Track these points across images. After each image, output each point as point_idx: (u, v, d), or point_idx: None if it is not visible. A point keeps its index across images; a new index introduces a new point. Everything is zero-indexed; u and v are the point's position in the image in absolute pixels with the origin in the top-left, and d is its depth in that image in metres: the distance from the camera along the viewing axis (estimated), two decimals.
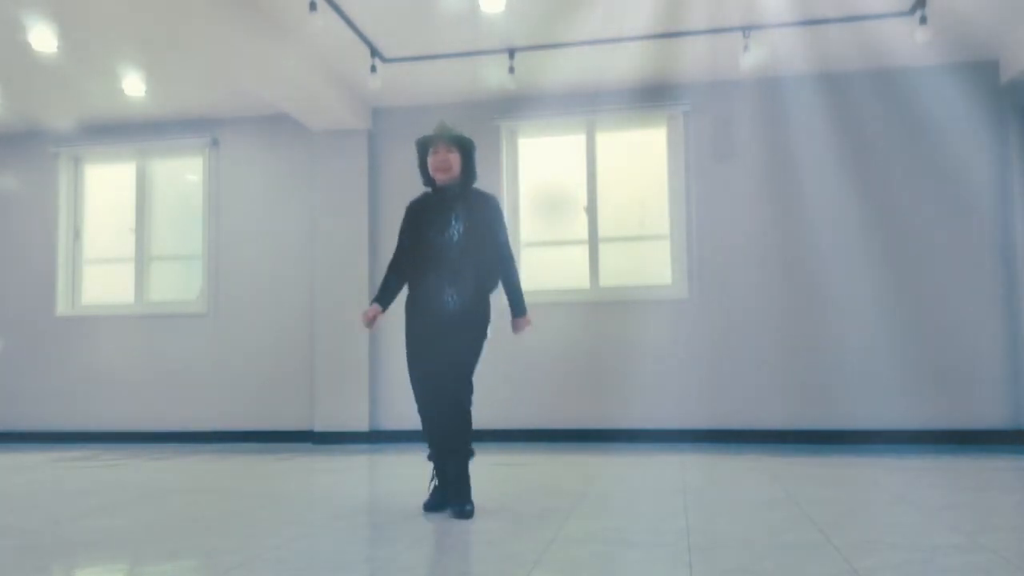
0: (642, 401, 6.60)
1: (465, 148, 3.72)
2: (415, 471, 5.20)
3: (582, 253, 6.93)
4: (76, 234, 7.85)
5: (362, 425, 6.93)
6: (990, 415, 6.17)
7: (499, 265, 3.69)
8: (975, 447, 5.98)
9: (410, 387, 3.63)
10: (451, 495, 3.54)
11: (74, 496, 4.31)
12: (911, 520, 3.29)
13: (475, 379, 3.54)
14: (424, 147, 3.75)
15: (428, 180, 3.75)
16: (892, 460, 5.34)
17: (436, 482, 3.68)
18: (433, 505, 3.62)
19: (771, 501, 3.78)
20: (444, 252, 3.57)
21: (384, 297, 3.73)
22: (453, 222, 3.61)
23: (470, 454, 3.61)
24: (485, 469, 5.15)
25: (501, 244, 3.70)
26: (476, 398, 3.43)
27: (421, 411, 3.64)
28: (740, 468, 5.06)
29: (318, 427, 7.02)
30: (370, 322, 3.68)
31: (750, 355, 6.49)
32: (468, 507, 3.48)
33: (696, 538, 2.94)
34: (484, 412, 6.70)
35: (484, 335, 3.64)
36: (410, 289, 3.69)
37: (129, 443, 7.31)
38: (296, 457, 6.08)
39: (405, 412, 6.90)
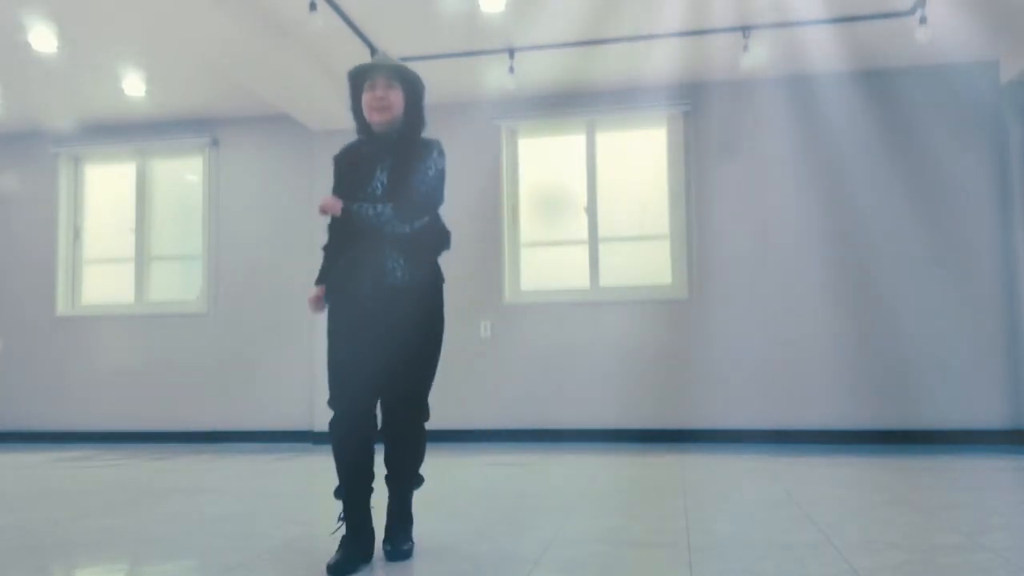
0: (641, 401, 6.60)
1: (410, 83, 2.87)
2: None
3: (582, 253, 6.93)
4: (76, 234, 7.85)
5: None
6: (990, 415, 6.17)
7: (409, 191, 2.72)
8: (975, 447, 5.98)
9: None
10: (389, 530, 2.80)
11: (74, 496, 4.31)
12: (911, 520, 3.28)
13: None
14: (358, 81, 2.86)
15: (363, 126, 2.87)
16: (892, 460, 5.34)
17: (344, 530, 2.71)
18: (342, 566, 2.55)
19: (771, 501, 3.78)
20: None
21: (325, 275, 2.89)
22: (377, 173, 2.76)
23: (420, 482, 2.91)
24: (484, 469, 5.16)
25: (418, 178, 2.73)
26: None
27: (337, 426, 2.67)
28: (740, 468, 5.06)
29: (318, 427, 7.02)
30: (316, 305, 2.85)
31: (750, 355, 6.49)
32: (407, 546, 2.77)
33: (696, 538, 2.94)
34: (483, 412, 6.74)
35: (440, 322, 2.82)
36: (330, 263, 2.87)
37: (129, 443, 7.31)
38: (296, 457, 6.08)
39: None
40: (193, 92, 6.98)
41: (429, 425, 2.91)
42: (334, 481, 2.73)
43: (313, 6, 5.12)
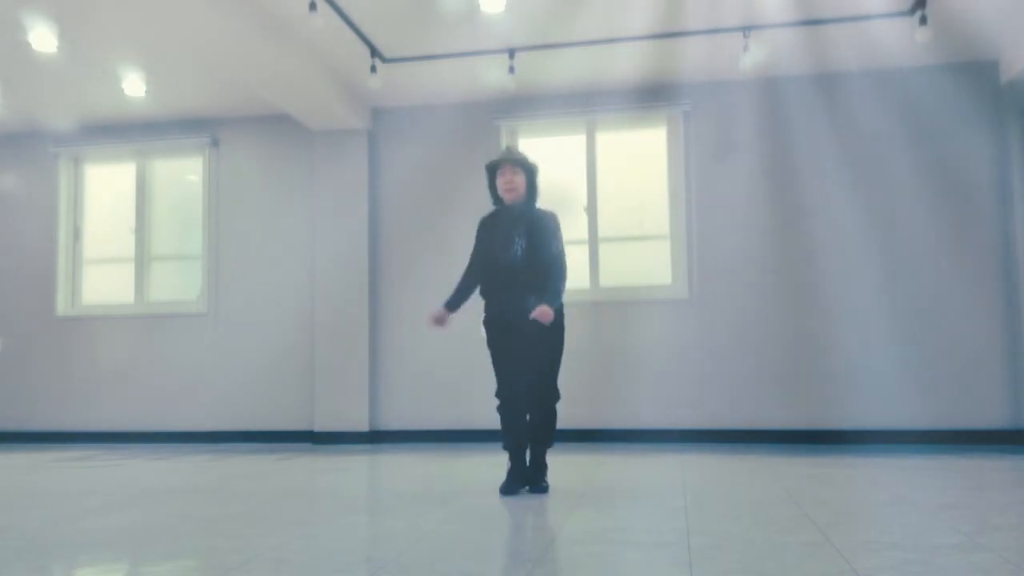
0: (642, 401, 6.60)
1: (529, 170, 4.13)
2: (415, 471, 5.20)
3: (582, 253, 6.93)
4: (76, 234, 7.85)
5: (362, 425, 6.93)
6: (990, 415, 6.17)
7: (549, 269, 4.06)
8: (975, 447, 5.98)
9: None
10: (532, 477, 4.08)
11: (74, 496, 4.31)
12: (911, 520, 3.28)
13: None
14: (492, 170, 4.16)
15: (496, 200, 4.18)
16: (892, 460, 5.34)
17: (510, 466, 4.11)
18: (507, 489, 4.01)
19: (771, 501, 3.78)
20: (512, 267, 4.01)
21: (454, 300, 4.23)
22: (516, 239, 4.04)
23: (551, 443, 4.19)
24: (485, 469, 5.15)
25: (553, 254, 4.08)
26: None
27: (504, 408, 4.10)
28: (740, 468, 5.06)
29: (318, 427, 7.02)
30: (436, 321, 4.20)
31: (750, 355, 6.49)
32: (544, 484, 4.10)
33: (696, 538, 2.94)
34: (482, 412, 6.73)
35: (563, 340, 4.09)
36: (487, 302, 4.15)
37: (129, 443, 7.31)
38: (296, 457, 6.08)
39: (405, 412, 6.93)
40: (193, 92, 6.98)
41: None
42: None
43: (313, 6, 5.12)
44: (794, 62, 6.35)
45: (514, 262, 4.02)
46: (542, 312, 3.93)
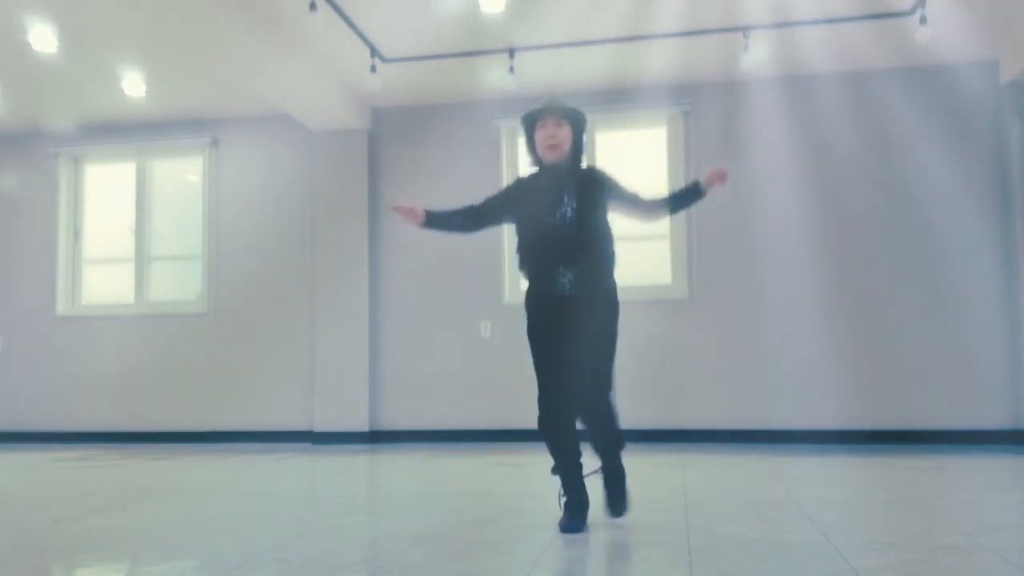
0: (641, 401, 6.58)
1: (576, 122, 3.38)
2: (415, 471, 5.20)
3: None
4: (76, 234, 7.84)
5: (362, 425, 6.93)
6: (990, 415, 6.17)
7: (645, 203, 3.58)
8: (975, 447, 5.97)
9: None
10: (612, 499, 3.28)
11: (74, 496, 4.31)
12: (911, 520, 3.28)
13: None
14: (531, 122, 3.37)
15: (537, 159, 3.39)
16: (892, 460, 5.34)
17: (565, 498, 3.22)
18: (571, 526, 3.11)
19: (771, 501, 3.78)
20: (557, 233, 3.22)
21: (435, 219, 3.50)
22: (566, 199, 3.27)
23: (623, 442, 3.38)
24: (484, 469, 5.16)
25: (634, 194, 3.53)
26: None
27: (543, 420, 3.26)
28: (740, 468, 5.06)
29: (318, 427, 7.02)
30: (405, 211, 3.44)
31: (750, 355, 6.49)
32: (624, 501, 3.29)
33: (696, 538, 2.94)
34: (482, 413, 6.74)
35: (615, 326, 3.26)
36: (527, 280, 3.34)
37: (129, 443, 7.30)
38: (296, 457, 6.08)
39: (405, 412, 6.93)
40: (193, 92, 6.97)
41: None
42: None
43: (313, 6, 5.12)
44: (794, 62, 6.34)
45: (562, 226, 3.22)
46: (720, 171, 3.52)
